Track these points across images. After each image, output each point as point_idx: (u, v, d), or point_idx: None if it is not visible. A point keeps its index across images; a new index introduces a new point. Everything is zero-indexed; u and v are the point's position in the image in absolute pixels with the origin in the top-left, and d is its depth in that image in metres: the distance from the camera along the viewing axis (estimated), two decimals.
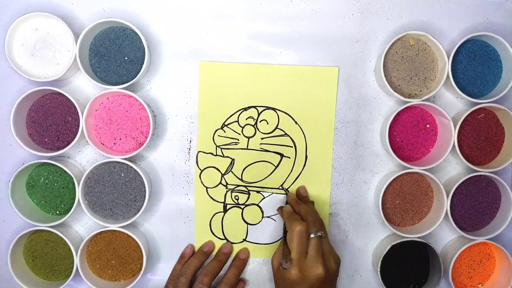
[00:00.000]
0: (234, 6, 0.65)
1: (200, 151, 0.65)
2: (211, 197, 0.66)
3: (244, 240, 0.66)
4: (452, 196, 0.62)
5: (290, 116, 0.65)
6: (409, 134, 0.64)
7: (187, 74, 0.65)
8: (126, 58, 0.63)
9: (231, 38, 0.65)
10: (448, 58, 0.61)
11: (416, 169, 0.61)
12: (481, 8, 0.65)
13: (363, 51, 0.65)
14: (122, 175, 0.63)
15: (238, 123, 0.65)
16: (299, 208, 0.60)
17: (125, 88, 0.61)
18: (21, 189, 0.63)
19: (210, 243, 0.65)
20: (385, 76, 0.61)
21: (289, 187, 0.66)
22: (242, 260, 0.65)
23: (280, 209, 0.63)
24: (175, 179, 0.66)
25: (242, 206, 0.66)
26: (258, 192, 0.66)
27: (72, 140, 0.61)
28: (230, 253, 0.66)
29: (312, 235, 0.56)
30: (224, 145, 0.65)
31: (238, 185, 0.66)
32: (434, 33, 0.63)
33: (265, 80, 0.65)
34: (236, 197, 0.66)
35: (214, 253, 0.66)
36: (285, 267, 0.56)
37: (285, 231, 0.59)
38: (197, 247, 0.66)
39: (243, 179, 0.65)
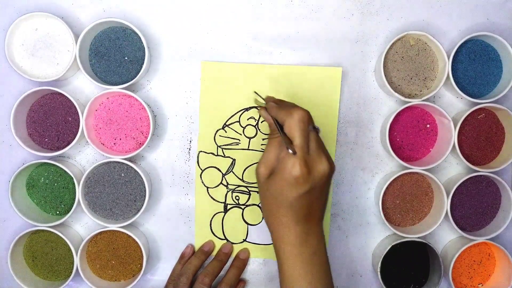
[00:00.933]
0: (234, 6, 0.65)
1: (201, 151, 0.65)
2: (211, 197, 0.66)
3: (244, 240, 0.66)
4: (452, 196, 0.62)
5: None
6: (409, 134, 0.64)
7: (187, 74, 0.65)
8: (126, 58, 0.63)
9: (231, 38, 0.65)
10: (448, 58, 0.61)
11: (416, 169, 0.61)
12: (481, 8, 0.65)
13: (363, 51, 0.65)
14: (122, 175, 0.63)
15: (240, 123, 0.65)
16: (285, 104, 0.54)
17: (125, 88, 0.61)
18: (21, 189, 0.63)
19: (210, 243, 0.65)
20: (385, 76, 0.61)
21: None
22: (242, 261, 0.65)
23: (263, 109, 0.56)
24: (175, 179, 0.66)
25: (243, 207, 0.66)
26: (258, 192, 0.65)
27: (72, 140, 0.61)
28: (230, 253, 0.65)
29: (310, 128, 0.50)
30: (225, 145, 0.65)
31: (239, 186, 0.66)
32: (434, 33, 0.63)
33: (267, 80, 0.65)
34: (237, 197, 0.66)
35: (214, 253, 0.66)
36: (293, 152, 0.48)
37: (280, 126, 0.52)
38: (197, 247, 0.66)
39: (244, 179, 0.65)
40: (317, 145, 0.50)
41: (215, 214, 0.66)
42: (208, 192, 0.66)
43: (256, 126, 0.65)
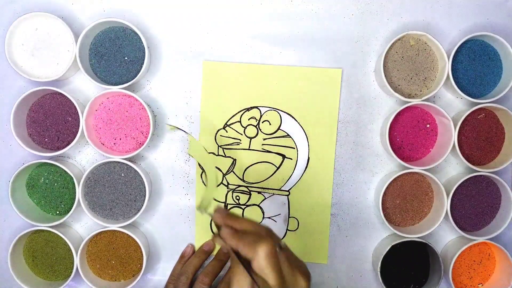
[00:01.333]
0: (234, 6, 0.65)
1: None
2: (212, 197, 0.66)
3: None
4: (452, 196, 0.62)
5: (293, 117, 0.65)
6: (409, 134, 0.64)
7: (187, 74, 0.65)
8: (126, 58, 0.63)
9: (231, 38, 0.65)
10: (448, 58, 0.61)
11: (416, 169, 0.61)
12: (481, 8, 0.65)
13: (363, 51, 0.65)
14: (122, 175, 0.63)
15: (241, 124, 0.65)
16: (240, 224, 0.48)
17: (125, 88, 0.61)
18: (21, 189, 0.63)
19: (210, 242, 0.65)
20: (385, 76, 0.61)
21: (290, 189, 0.66)
22: None
23: (216, 237, 0.49)
24: (175, 179, 0.66)
25: (243, 207, 0.66)
26: (259, 192, 0.65)
27: (72, 140, 0.61)
28: None
29: (278, 252, 0.46)
30: (226, 145, 0.65)
31: (240, 186, 0.66)
32: (434, 33, 0.63)
33: (268, 80, 0.65)
34: (237, 198, 0.66)
35: (214, 252, 0.66)
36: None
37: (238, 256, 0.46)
38: (197, 247, 0.66)
39: (244, 179, 0.65)
40: (289, 265, 0.46)
41: None
42: None
43: (257, 126, 0.65)
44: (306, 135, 0.65)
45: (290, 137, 0.65)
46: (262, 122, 0.65)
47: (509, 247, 0.64)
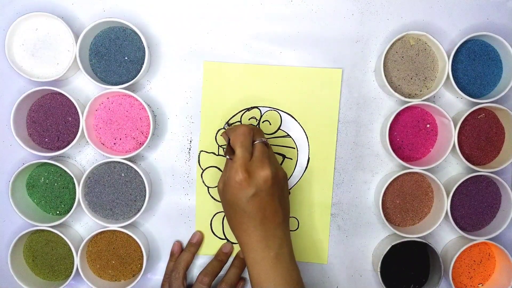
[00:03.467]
0: (234, 6, 0.65)
1: (202, 151, 0.65)
2: (212, 197, 0.66)
3: None
4: (452, 196, 0.62)
5: (293, 117, 0.65)
6: (409, 134, 0.64)
7: (187, 74, 0.65)
8: (126, 58, 0.63)
9: (231, 38, 0.65)
10: (448, 58, 0.61)
11: (416, 169, 0.61)
12: (481, 8, 0.65)
13: (363, 51, 0.65)
14: (122, 175, 0.63)
15: (241, 123, 0.65)
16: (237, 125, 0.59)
17: (125, 88, 0.61)
18: (21, 189, 0.63)
19: (197, 234, 0.65)
20: (385, 76, 0.61)
21: (290, 189, 0.66)
22: (242, 260, 0.65)
23: (224, 133, 0.61)
24: (175, 179, 0.66)
25: None
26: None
27: (72, 140, 0.61)
28: (230, 253, 0.65)
29: (257, 141, 0.56)
30: (226, 145, 0.65)
31: None
32: (434, 33, 0.63)
33: (268, 81, 0.65)
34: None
35: (212, 251, 0.66)
36: (230, 158, 0.54)
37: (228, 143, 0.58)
38: None
39: None
40: (261, 154, 0.54)
41: (215, 214, 0.66)
42: (208, 192, 0.66)
43: (258, 126, 0.65)
44: (306, 135, 0.65)
45: (290, 137, 0.65)
46: (262, 122, 0.65)
47: (509, 247, 0.64)
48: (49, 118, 0.63)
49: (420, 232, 0.62)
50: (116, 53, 0.62)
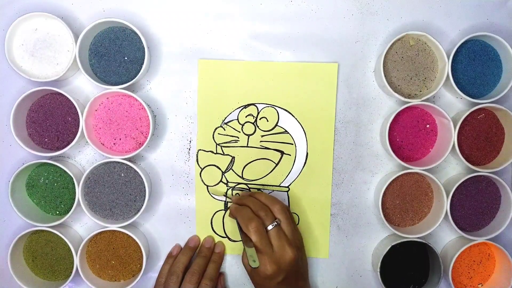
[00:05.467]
0: (234, 6, 0.65)
1: (200, 149, 0.65)
2: (212, 196, 0.66)
3: None
4: (452, 196, 0.62)
5: (290, 113, 0.65)
6: (409, 134, 0.64)
7: (187, 74, 0.65)
8: (126, 58, 0.63)
9: (231, 38, 0.65)
10: (448, 58, 0.61)
11: (416, 169, 0.61)
12: (481, 8, 0.65)
13: (363, 51, 0.65)
14: (122, 175, 0.63)
15: (238, 121, 0.65)
16: (246, 201, 0.61)
17: (125, 88, 0.61)
18: (21, 189, 0.63)
19: (195, 238, 0.66)
20: (385, 76, 0.61)
21: (290, 185, 0.66)
22: (218, 254, 0.65)
23: (232, 211, 0.62)
24: (175, 179, 0.66)
25: None
26: (259, 189, 0.66)
27: (72, 140, 0.61)
28: (213, 247, 0.66)
29: (269, 227, 0.57)
30: (224, 143, 0.65)
31: (239, 183, 0.66)
32: (434, 33, 0.63)
33: (264, 77, 0.65)
34: (237, 195, 0.66)
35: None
36: (254, 266, 0.57)
37: (240, 229, 0.59)
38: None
39: (243, 177, 0.66)
40: (279, 239, 0.57)
41: (215, 212, 0.66)
42: (208, 190, 0.66)
43: (255, 123, 0.65)
44: (304, 130, 0.65)
45: (288, 133, 0.65)
46: (260, 119, 0.65)
47: (509, 247, 0.64)
48: (49, 118, 0.63)
49: (420, 232, 0.62)
50: (116, 53, 0.62)
